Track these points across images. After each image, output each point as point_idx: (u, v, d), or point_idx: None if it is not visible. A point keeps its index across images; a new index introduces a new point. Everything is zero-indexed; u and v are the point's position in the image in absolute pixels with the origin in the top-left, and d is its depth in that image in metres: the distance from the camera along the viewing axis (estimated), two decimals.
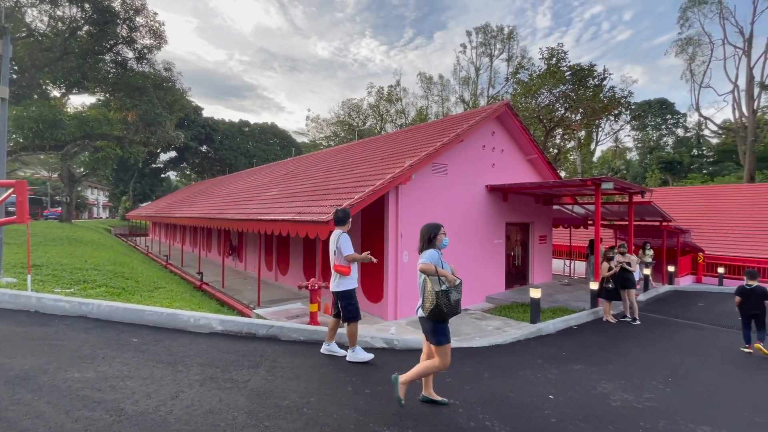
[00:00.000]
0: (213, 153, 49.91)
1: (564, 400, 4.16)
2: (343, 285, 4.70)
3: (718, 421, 3.83)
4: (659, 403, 4.20)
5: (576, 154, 37.99)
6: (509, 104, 11.13)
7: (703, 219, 18.54)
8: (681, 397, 4.45)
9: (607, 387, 4.60)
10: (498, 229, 10.99)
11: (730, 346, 6.73)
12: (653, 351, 6.28)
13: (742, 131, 32.52)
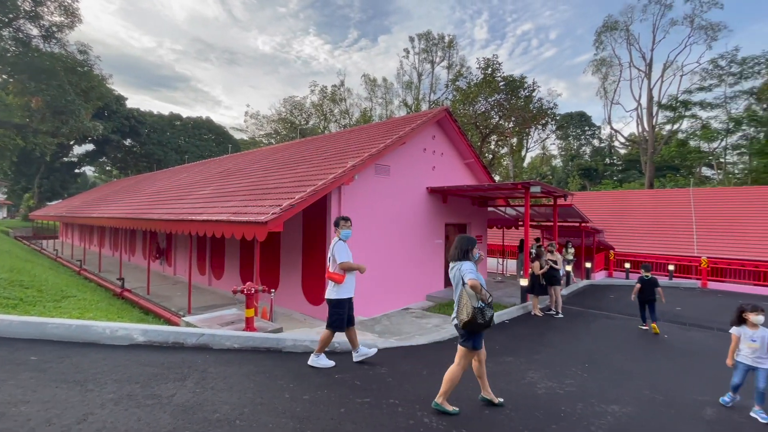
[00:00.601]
0: (139, 147, 45.62)
1: (496, 392, 4.39)
2: (335, 293, 4.75)
3: (625, 400, 4.30)
4: (578, 388, 4.62)
5: (509, 160, 40.71)
6: (449, 110, 11.58)
7: (614, 220, 20.85)
8: (595, 380, 4.93)
9: (534, 376, 4.96)
10: (438, 230, 11.37)
11: (635, 331, 7.63)
12: (574, 340, 6.89)
13: (643, 144, 37.18)
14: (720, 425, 3.84)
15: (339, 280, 4.71)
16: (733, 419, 3.98)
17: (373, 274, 8.80)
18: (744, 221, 17.54)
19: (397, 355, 5.59)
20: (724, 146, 37.00)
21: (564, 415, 3.86)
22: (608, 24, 37.49)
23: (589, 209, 20.16)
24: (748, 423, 3.90)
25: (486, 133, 27.03)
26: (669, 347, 6.70)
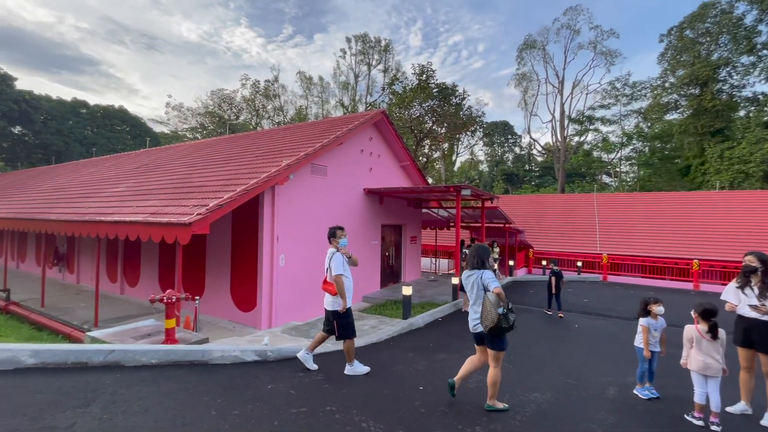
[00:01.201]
0: (32, 136, 39.34)
1: (431, 389, 4.52)
2: (335, 305, 4.70)
3: (544, 388, 4.69)
4: (504, 379, 4.91)
5: (441, 164, 42.54)
6: (386, 113, 11.74)
7: (533, 221, 22.86)
8: (519, 371, 5.31)
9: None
10: (374, 231, 11.45)
11: (551, 322, 8.41)
12: None
13: (557, 153, 41.31)
14: (620, 402, 4.37)
15: (334, 291, 4.69)
16: (629, 396, 4.54)
17: (309, 277, 8.57)
18: (634, 222, 20.36)
19: (335, 359, 5.49)
20: (620, 157, 42.70)
21: None
22: (528, 42, 41.07)
23: (511, 211, 21.84)
24: (640, 399, 4.48)
25: (420, 137, 27.94)
26: (578, 335, 7.49)
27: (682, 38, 31.92)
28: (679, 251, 16.94)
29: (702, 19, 30.66)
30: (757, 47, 28.35)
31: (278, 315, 7.73)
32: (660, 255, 17.04)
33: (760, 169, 25.24)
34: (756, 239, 16.36)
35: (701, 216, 19.41)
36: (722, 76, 30.03)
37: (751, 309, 3.97)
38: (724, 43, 29.89)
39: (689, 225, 18.98)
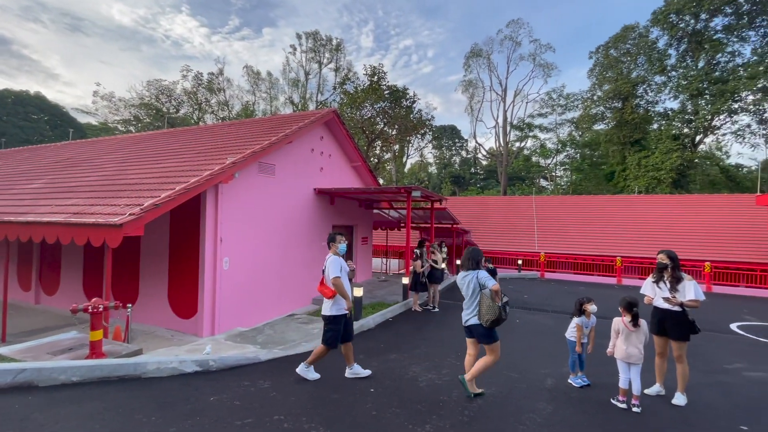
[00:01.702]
0: None
1: (383, 390, 4.53)
2: (330, 309, 4.67)
3: (490, 382, 4.90)
4: (453, 376, 5.08)
5: (392, 165, 43.06)
6: (337, 112, 11.61)
7: (477, 222, 23.92)
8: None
9: (416, 370, 5.28)
10: (325, 231, 11.27)
11: None
12: (448, 332, 7.59)
13: (500, 157, 43.62)
14: (557, 392, 4.69)
15: (328, 294, 4.62)
16: (565, 385, 4.89)
17: (257, 280, 8.23)
18: (568, 223, 22.09)
19: (282, 366, 5.30)
20: (555, 163, 46.14)
21: (443, 404, 4.19)
22: (474, 51, 42.93)
23: (458, 212, 22.66)
24: (574, 387, 4.85)
25: (372, 138, 28.05)
26: (520, 330, 7.93)
27: (607, 56, 35.22)
28: (605, 249, 18.64)
29: (624, 40, 34.07)
30: (667, 68, 32.09)
31: (222, 321, 7.31)
32: (589, 253, 18.62)
33: (669, 176, 28.60)
34: (667, 238, 18.51)
35: (623, 217, 21.54)
36: (640, 92, 33.58)
37: (664, 301, 4.46)
38: (641, 63, 33.46)
39: (613, 225, 20.98)
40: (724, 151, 35.72)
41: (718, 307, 10.91)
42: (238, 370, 5.01)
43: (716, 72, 29.80)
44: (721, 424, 3.98)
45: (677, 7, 30.19)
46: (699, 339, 7.44)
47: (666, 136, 30.36)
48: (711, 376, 5.43)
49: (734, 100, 29.43)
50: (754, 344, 7.38)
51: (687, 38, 31.06)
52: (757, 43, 29.14)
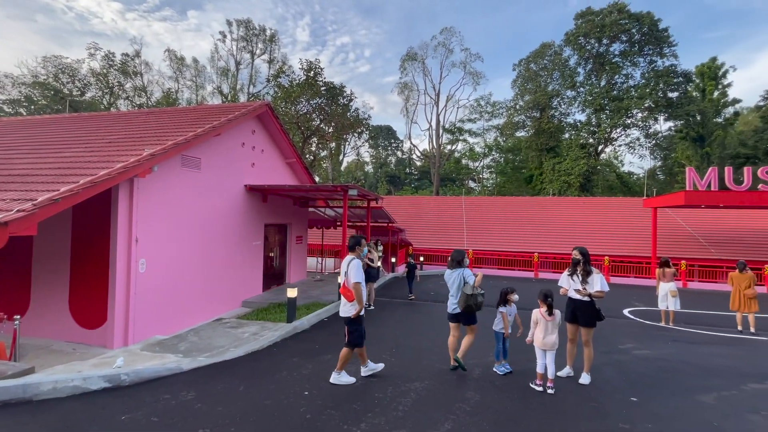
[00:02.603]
0: None
1: (318, 392, 4.45)
2: (352, 310, 4.71)
3: (423, 376, 5.08)
4: (388, 372, 5.17)
5: (328, 163, 42.55)
6: (270, 105, 11.13)
7: (412, 221, 24.65)
8: (401, 362, 5.63)
9: (351, 369, 5.25)
10: (257, 231, 10.76)
11: (428, 313, 9.16)
12: (384, 328, 7.70)
13: (433, 159, 45.42)
14: (483, 380, 5.01)
15: (351, 298, 4.68)
16: (490, 373, 5.25)
17: (179, 283, 7.57)
18: (493, 222, 23.75)
19: (209, 375, 4.95)
20: (482, 166, 49.31)
21: (377, 401, 4.24)
22: (410, 54, 44.11)
23: (393, 211, 23.11)
24: (498, 375, 5.22)
25: (307, 135, 27.40)
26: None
27: (528, 69, 38.51)
28: (525, 246, 20.38)
29: (542, 56, 37.53)
30: (577, 84, 36.05)
31: (137, 330, 6.60)
32: (511, 249, 20.21)
33: (578, 181, 32.18)
34: (575, 235, 20.80)
35: (539, 217, 23.75)
36: (555, 104, 37.26)
37: (576, 292, 5.01)
38: (556, 78, 37.16)
39: (531, 224, 23.02)
40: (619, 160, 41.21)
41: (614, 296, 12.51)
42: (156, 383, 4.57)
43: (614, 91, 34.20)
44: (617, 398, 4.57)
45: (585, 31, 34.05)
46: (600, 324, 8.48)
47: (575, 145, 34.10)
48: (608, 356, 6.22)
49: (627, 116, 34.09)
50: (641, 326, 8.62)
51: (592, 59, 35.17)
52: (645, 69, 34.06)
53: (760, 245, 18.72)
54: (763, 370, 5.77)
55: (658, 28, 32.81)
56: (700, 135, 34.29)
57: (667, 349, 6.82)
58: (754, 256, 17.13)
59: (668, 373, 5.54)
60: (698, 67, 36.39)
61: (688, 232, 20.61)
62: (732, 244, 19.07)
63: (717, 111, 35.42)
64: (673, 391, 4.84)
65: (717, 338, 7.75)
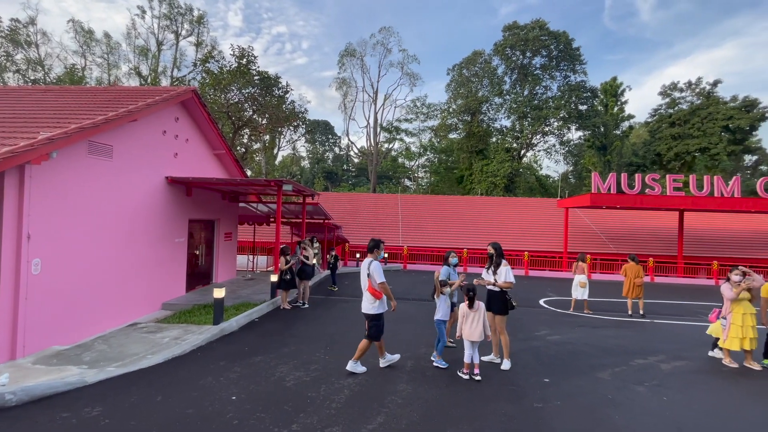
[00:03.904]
0: None
1: (246, 396, 4.25)
2: (376, 308, 5.10)
3: (357, 373, 5.10)
4: (321, 371, 5.11)
5: (261, 156, 40.67)
6: (197, 91, 10.31)
7: (349, 217, 24.62)
8: (336, 360, 5.60)
9: (284, 370, 5.12)
10: (179, 227, 9.93)
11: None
12: (318, 327, 7.59)
13: (370, 156, 45.75)
14: (415, 372, 5.19)
15: (379, 296, 5.05)
16: (421, 365, 5.45)
17: (83, 285, 6.70)
18: (427, 219, 24.65)
19: (120, 386, 4.46)
20: (418, 165, 50.86)
21: (310, 401, 4.17)
22: (349, 50, 43.82)
23: (330, 208, 22.87)
24: (430, 366, 5.44)
25: (239, 125, 25.89)
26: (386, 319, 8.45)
27: (461, 75, 40.48)
28: (456, 242, 21.47)
29: (473, 63, 39.69)
30: (503, 92, 38.79)
31: (29, 340, 5.71)
32: (443, 245, 21.15)
33: (503, 182, 34.70)
34: (501, 232, 22.43)
35: (469, 215, 25.18)
36: (484, 109, 39.68)
37: (488, 282, 5.49)
38: (486, 85, 39.59)
39: (462, 222, 24.32)
40: (538, 164, 45.24)
41: (532, 287, 13.75)
42: (53, 400, 4.00)
43: (535, 100, 37.42)
44: (533, 380, 5.03)
45: (511, 43, 36.73)
46: (519, 314, 9.25)
47: (501, 149, 36.70)
48: (526, 343, 6.81)
49: (546, 125, 37.57)
50: (554, 314, 9.57)
51: (517, 70, 38.08)
52: (561, 82, 37.77)
53: (648, 241, 21.87)
54: (647, 347, 6.76)
55: (572, 46, 36.56)
56: (603, 144, 39.00)
57: (574, 333, 7.67)
58: (643, 250, 19.96)
59: (575, 354, 6.23)
60: (602, 85, 41.36)
61: (592, 229, 23.34)
62: (626, 240, 22.03)
63: (616, 124, 40.63)
64: (578, 371, 5.46)
65: (613, 322, 8.90)
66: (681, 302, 11.87)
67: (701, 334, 7.88)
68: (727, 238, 22.18)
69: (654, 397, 4.67)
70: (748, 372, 5.69)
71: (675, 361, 6.08)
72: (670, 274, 18.40)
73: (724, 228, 22.99)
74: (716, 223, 23.30)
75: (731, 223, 23.36)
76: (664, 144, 36.45)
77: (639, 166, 37.94)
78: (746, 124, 33.44)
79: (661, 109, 38.39)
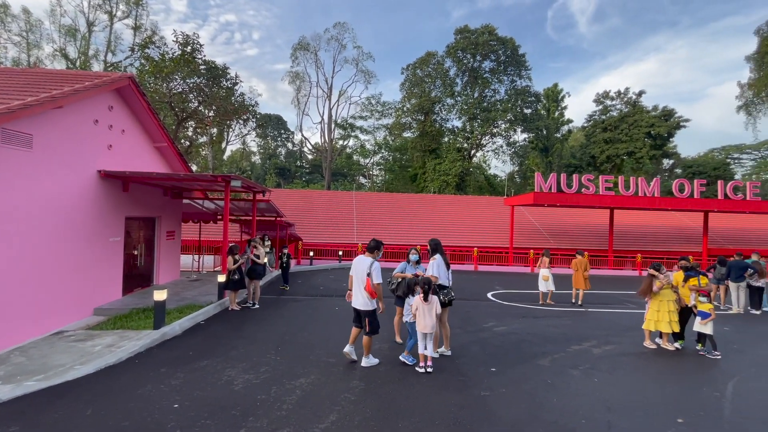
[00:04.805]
0: None
1: (190, 403, 4.02)
2: (372, 305, 5.23)
3: (308, 372, 5.02)
4: (272, 373, 4.97)
5: (208, 150, 38.59)
6: (134, 78, 9.52)
7: (302, 215, 24.13)
8: (287, 360, 5.47)
9: (232, 373, 4.91)
10: (115, 225, 9.15)
11: (315, 308, 9.09)
12: (269, 327, 7.36)
13: (325, 153, 45.17)
14: (368, 369, 5.21)
15: (375, 296, 5.19)
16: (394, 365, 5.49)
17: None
18: (382, 216, 24.83)
19: (42, 402, 4.04)
20: (373, 162, 51.01)
21: (260, 404, 4.05)
22: (302, 44, 42.85)
23: (282, 205, 22.26)
24: (386, 365, 5.50)
25: (183, 117, 24.33)
26: (339, 317, 8.41)
27: (415, 75, 41.13)
28: (410, 239, 21.85)
29: (427, 64, 40.49)
30: (455, 94, 40.01)
31: None
32: (397, 242, 21.44)
33: (454, 181, 35.86)
34: (452, 229, 23.18)
35: (423, 212, 25.73)
36: (437, 109, 40.67)
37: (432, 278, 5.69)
38: (438, 86, 40.59)
39: (416, 219, 24.80)
40: (487, 164, 47.31)
41: (481, 282, 14.37)
42: None
43: (484, 103, 39.01)
44: (480, 370, 5.27)
45: (462, 46, 37.95)
46: (469, 307, 9.64)
47: (453, 148, 37.87)
48: (475, 335, 7.11)
49: (494, 126, 39.34)
50: (501, 306, 10.08)
51: (468, 72, 39.43)
52: (508, 86, 39.71)
53: (583, 236, 23.71)
54: (582, 334, 7.34)
55: (518, 52, 38.56)
56: (545, 146, 41.66)
57: (518, 324, 8.13)
58: (579, 244, 21.62)
59: (519, 344, 6.62)
60: (545, 90, 44.13)
61: (535, 226, 24.86)
62: (565, 235, 23.73)
63: (557, 128, 43.58)
64: (521, 359, 5.80)
65: (555, 312, 9.55)
66: (611, 292, 13.02)
67: (628, 320, 8.70)
68: (649, 233, 24.67)
69: (587, 379, 5.09)
70: (665, 352, 6.39)
71: (605, 345, 6.67)
72: (602, 266, 20.11)
73: (647, 224, 25.53)
74: (641, 220, 25.80)
75: (653, 219, 26.00)
76: (598, 147, 39.68)
77: (576, 167, 40.99)
78: (665, 132, 37.39)
79: (596, 115, 41.72)
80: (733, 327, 8.41)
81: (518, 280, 15.45)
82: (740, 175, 44.05)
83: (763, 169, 43.92)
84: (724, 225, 25.34)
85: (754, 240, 23.88)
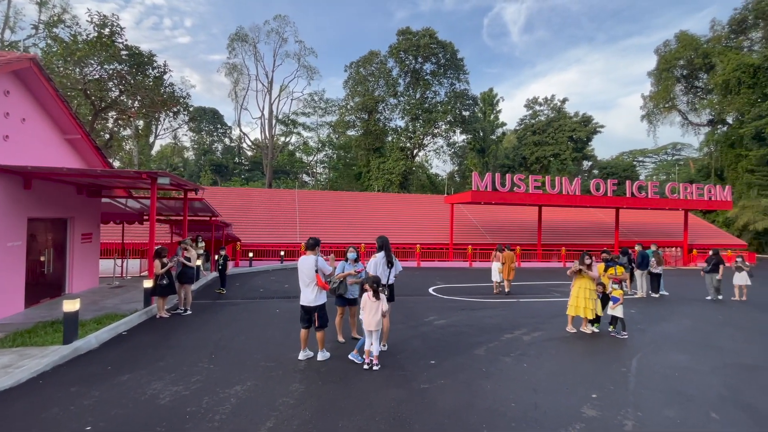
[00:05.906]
0: None
1: (106, 423, 3.64)
2: (321, 299, 5.42)
3: (245, 378, 4.79)
4: (204, 382, 4.66)
5: (133, 144, 35.21)
6: (37, 60, 8.37)
7: (240, 214, 23.00)
8: (222, 368, 5.16)
9: (158, 386, 4.53)
10: (14, 227, 7.98)
11: (253, 312, 8.71)
12: (201, 334, 6.89)
13: (265, 149, 43.45)
14: (309, 371, 5.10)
15: (327, 287, 5.44)
16: (315, 362, 5.39)
17: None
18: (326, 215, 24.49)
19: None
20: (316, 160, 50.14)
21: (189, 416, 3.77)
22: (240, 34, 40.73)
23: (219, 204, 21.05)
24: (324, 362, 5.42)
25: (101, 107, 21.91)
26: (280, 319, 8.14)
27: (358, 73, 41.10)
28: (354, 237, 21.81)
29: (370, 63, 40.67)
30: (398, 94, 40.68)
31: None
32: (342, 241, 21.29)
33: (398, 179, 36.51)
34: (396, 227, 23.55)
35: (367, 210, 25.83)
36: (381, 108, 41.05)
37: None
38: (381, 85, 40.98)
39: (360, 217, 24.82)
40: (429, 163, 48.80)
41: (423, 277, 14.78)
42: None
43: (426, 104, 40.15)
44: (421, 363, 5.41)
45: (404, 47, 38.67)
46: (411, 302, 9.87)
47: (396, 147, 38.51)
48: (416, 329, 7.29)
49: (435, 127, 40.66)
50: (441, 301, 10.45)
51: (410, 73, 40.29)
52: (447, 89, 41.25)
53: (516, 232, 25.42)
54: (514, 323, 7.86)
55: (457, 57, 40.19)
56: (482, 147, 43.98)
57: (457, 317, 8.49)
58: (512, 239, 23.15)
59: (457, 335, 6.91)
60: (481, 94, 46.52)
61: (473, 222, 26.15)
62: (500, 231, 25.25)
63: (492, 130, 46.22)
64: (459, 350, 6.05)
65: (490, 303, 10.12)
66: (539, 283, 14.11)
67: (553, 308, 9.48)
68: (572, 228, 27.13)
69: (518, 365, 5.45)
70: (583, 336, 7.07)
71: (534, 332, 7.20)
72: (532, 259, 21.73)
73: (570, 220, 28.05)
74: (565, 216, 28.29)
75: (575, 216, 28.63)
76: (528, 149, 42.81)
77: (510, 167, 43.86)
78: (584, 136, 41.39)
79: (526, 119, 44.95)
80: (637, 309, 9.55)
81: (458, 274, 16.14)
82: (644, 176, 50.23)
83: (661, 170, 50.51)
84: (632, 219, 28.67)
85: (654, 232, 27.33)
